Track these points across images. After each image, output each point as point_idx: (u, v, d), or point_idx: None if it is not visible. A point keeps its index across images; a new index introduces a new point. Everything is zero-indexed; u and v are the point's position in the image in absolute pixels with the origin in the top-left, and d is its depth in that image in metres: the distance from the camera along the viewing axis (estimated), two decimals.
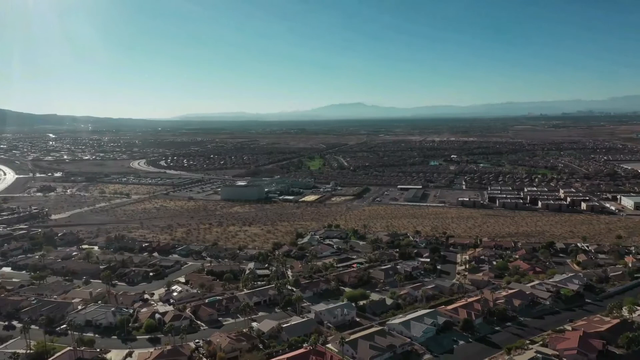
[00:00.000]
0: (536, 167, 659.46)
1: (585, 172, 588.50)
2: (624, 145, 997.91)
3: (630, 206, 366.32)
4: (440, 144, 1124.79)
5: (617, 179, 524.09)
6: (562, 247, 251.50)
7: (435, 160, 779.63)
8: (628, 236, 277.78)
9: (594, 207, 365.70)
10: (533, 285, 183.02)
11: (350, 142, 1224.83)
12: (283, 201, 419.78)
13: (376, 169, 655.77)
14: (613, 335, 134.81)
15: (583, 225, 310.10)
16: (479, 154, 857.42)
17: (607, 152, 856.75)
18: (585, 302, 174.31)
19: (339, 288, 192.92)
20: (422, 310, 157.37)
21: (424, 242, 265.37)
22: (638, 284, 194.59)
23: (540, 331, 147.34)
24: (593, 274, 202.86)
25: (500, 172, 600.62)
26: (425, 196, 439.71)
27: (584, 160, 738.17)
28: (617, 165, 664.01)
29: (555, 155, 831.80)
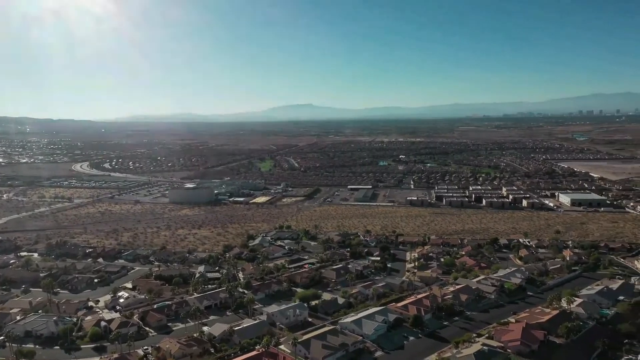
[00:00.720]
0: (480, 167, 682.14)
1: (526, 171, 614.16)
2: (561, 145, 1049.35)
3: (567, 202, 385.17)
4: (389, 145, 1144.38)
5: (555, 177, 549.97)
6: (505, 243, 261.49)
7: (384, 160, 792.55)
8: (565, 231, 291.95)
9: (534, 204, 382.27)
10: (479, 280, 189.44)
11: (301, 143, 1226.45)
12: (233, 203, 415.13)
13: (327, 170, 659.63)
14: (553, 326, 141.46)
15: (524, 222, 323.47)
16: (426, 154, 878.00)
17: (545, 152, 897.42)
18: (528, 295, 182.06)
19: (291, 289, 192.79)
20: (374, 308, 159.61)
21: (374, 241, 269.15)
22: (575, 276, 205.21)
23: (486, 324, 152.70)
24: (534, 267, 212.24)
25: (447, 172, 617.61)
26: (375, 196, 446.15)
27: (525, 159, 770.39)
28: (555, 163, 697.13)
29: (497, 154, 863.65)
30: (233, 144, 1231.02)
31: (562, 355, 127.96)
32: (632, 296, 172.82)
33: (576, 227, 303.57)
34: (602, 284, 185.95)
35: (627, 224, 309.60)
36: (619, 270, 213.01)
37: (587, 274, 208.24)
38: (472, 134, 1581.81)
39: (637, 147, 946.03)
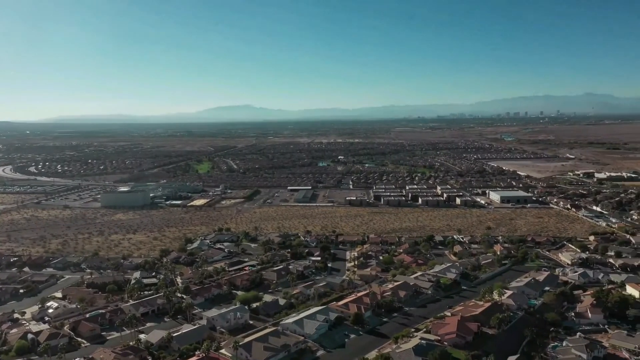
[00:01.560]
0: (416, 166, 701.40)
1: (459, 170, 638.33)
2: (490, 145, 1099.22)
3: (497, 200, 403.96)
4: (328, 146, 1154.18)
5: (486, 176, 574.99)
6: (440, 240, 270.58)
7: (324, 161, 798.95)
8: (496, 227, 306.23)
9: (467, 201, 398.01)
10: (416, 277, 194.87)
11: (240, 145, 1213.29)
12: (170, 206, 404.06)
13: (266, 171, 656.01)
14: (486, 317, 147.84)
15: (458, 219, 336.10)
16: (364, 155, 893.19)
17: (476, 152, 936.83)
18: (462, 289, 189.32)
19: (231, 292, 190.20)
20: (315, 308, 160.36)
21: (314, 242, 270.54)
22: (505, 269, 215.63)
23: (423, 319, 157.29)
24: (468, 262, 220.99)
25: (384, 172, 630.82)
26: (314, 196, 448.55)
27: (457, 159, 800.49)
28: (485, 163, 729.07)
29: (432, 154, 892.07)
30: (169, 146, 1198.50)
31: (495, 345, 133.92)
32: (556, 286, 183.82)
33: (505, 223, 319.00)
34: (529, 276, 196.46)
35: (551, 219, 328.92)
36: (545, 263, 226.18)
37: (516, 267, 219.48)
38: (407, 134, 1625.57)
39: (559, 147, 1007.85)
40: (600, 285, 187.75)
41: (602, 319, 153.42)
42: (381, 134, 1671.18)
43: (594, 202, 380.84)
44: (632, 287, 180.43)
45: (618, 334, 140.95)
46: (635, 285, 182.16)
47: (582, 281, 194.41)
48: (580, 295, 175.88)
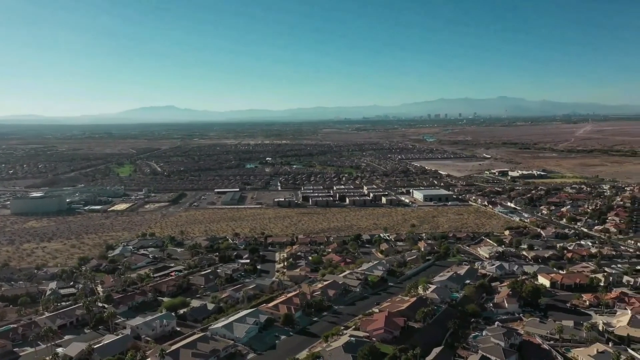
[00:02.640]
0: (343, 167, 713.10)
1: (384, 170, 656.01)
2: (413, 146, 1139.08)
3: (421, 198, 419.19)
4: (256, 147, 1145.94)
5: (410, 175, 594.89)
6: (367, 238, 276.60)
7: (251, 163, 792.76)
8: (420, 224, 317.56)
9: (392, 200, 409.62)
10: (345, 275, 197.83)
11: (164, 147, 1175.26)
12: (89, 212, 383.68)
13: (192, 174, 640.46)
14: (412, 312, 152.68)
15: (384, 217, 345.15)
16: (292, 156, 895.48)
17: (400, 152, 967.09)
18: (389, 286, 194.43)
19: (156, 299, 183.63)
20: (245, 310, 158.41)
21: (243, 244, 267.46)
22: (429, 265, 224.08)
23: (352, 316, 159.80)
24: (394, 259, 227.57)
25: (312, 173, 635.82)
26: (242, 198, 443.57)
27: (383, 159, 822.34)
28: (409, 163, 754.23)
29: (358, 155, 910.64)
30: (87, 148, 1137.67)
31: (420, 338, 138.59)
32: (476, 279, 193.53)
33: (429, 221, 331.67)
34: (451, 270, 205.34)
35: (470, 216, 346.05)
36: (465, 257, 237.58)
37: (439, 262, 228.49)
38: (334, 136, 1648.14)
39: (477, 147, 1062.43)
40: (515, 276, 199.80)
41: (518, 308, 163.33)
42: (309, 136, 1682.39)
43: (508, 198, 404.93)
44: (543, 277, 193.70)
45: (532, 322, 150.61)
46: (546, 275, 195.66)
47: (499, 273, 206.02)
48: (497, 287, 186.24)
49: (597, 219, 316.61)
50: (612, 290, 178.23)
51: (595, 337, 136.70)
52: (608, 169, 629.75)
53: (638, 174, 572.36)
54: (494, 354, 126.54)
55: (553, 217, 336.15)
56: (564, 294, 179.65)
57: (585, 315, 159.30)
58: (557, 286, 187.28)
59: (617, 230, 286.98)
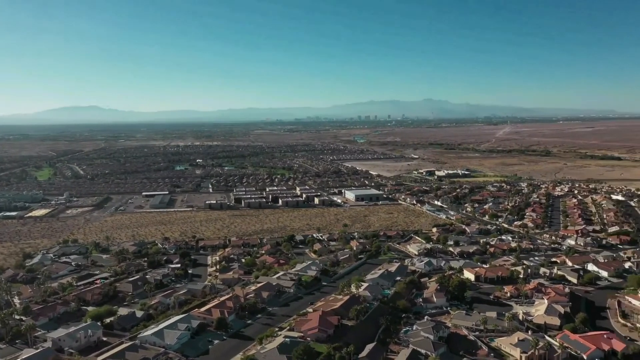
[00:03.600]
0: (276, 168, 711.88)
1: (316, 171, 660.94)
2: (345, 147, 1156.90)
3: (352, 198, 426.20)
4: (185, 149, 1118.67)
5: (341, 176, 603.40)
6: (301, 239, 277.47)
7: (181, 165, 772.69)
8: (352, 224, 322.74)
9: (324, 201, 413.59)
10: (279, 277, 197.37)
11: (87, 149, 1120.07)
12: (3, 218, 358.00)
13: (118, 177, 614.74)
14: (345, 310, 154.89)
15: (317, 218, 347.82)
16: (223, 158, 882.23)
17: (332, 153, 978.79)
18: (323, 285, 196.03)
19: (80, 308, 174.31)
20: (176, 316, 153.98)
21: (173, 248, 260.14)
22: (362, 263, 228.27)
23: (287, 317, 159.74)
24: (327, 259, 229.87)
25: (244, 174, 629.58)
26: (172, 201, 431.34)
27: (315, 160, 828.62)
28: (341, 163, 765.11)
29: (291, 156, 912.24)
30: (0, 151, 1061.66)
31: (354, 336, 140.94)
32: (406, 276, 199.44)
33: (360, 220, 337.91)
34: (383, 268, 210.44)
35: (400, 214, 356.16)
36: (396, 255, 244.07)
37: (371, 260, 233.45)
38: (266, 137, 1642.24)
39: (405, 148, 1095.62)
40: (442, 272, 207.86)
41: (445, 302, 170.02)
42: (240, 137, 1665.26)
43: (435, 197, 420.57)
44: (468, 272, 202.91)
45: (458, 314, 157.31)
46: (471, 269, 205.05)
47: (428, 269, 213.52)
48: (426, 282, 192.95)
49: (516, 215, 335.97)
50: (530, 281, 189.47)
51: (516, 327, 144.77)
52: (525, 168, 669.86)
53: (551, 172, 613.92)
54: (424, 347, 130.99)
55: (476, 214, 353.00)
56: (487, 287, 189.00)
57: (507, 306, 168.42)
58: (481, 279, 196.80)
59: (534, 225, 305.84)
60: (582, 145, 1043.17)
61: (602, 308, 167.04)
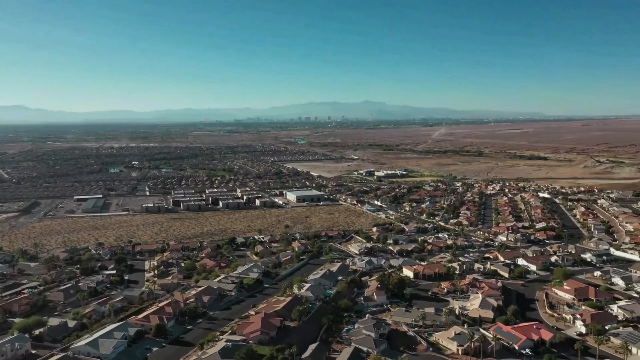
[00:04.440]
0: (215, 170, 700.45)
1: (257, 172, 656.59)
2: (285, 148, 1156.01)
3: (294, 199, 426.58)
4: (120, 151, 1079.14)
5: (282, 177, 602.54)
6: (242, 241, 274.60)
7: (116, 167, 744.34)
8: (294, 225, 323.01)
9: (266, 202, 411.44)
10: (220, 280, 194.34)
11: (11, 151, 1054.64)
12: None
13: (46, 180, 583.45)
14: (288, 312, 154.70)
15: (258, 220, 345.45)
16: (160, 159, 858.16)
17: (273, 154, 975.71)
18: (265, 287, 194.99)
19: (6, 320, 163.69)
20: (111, 325, 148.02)
21: (108, 254, 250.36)
22: (304, 264, 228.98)
23: (228, 321, 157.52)
24: (269, 261, 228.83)
25: (183, 176, 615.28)
26: (106, 205, 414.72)
27: (256, 161, 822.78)
28: (282, 165, 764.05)
29: (231, 158, 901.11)
30: None
31: (297, 336, 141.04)
32: (347, 275, 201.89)
33: (302, 221, 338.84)
34: (325, 268, 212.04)
35: (340, 215, 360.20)
36: (337, 255, 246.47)
37: (313, 261, 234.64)
38: (205, 138, 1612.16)
39: (345, 149, 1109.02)
40: (383, 270, 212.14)
41: (386, 299, 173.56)
42: (178, 138, 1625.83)
43: (375, 197, 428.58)
44: (407, 269, 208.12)
45: (398, 311, 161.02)
46: (409, 267, 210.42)
47: (368, 268, 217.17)
48: (367, 281, 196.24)
49: (451, 213, 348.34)
50: (465, 277, 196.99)
51: (452, 321, 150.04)
52: (460, 168, 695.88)
53: (484, 172, 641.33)
54: (366, 345, 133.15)
55: (414, 213, 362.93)
56: (425, 283, 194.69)
57: (444, 301, 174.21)
58: (420, 276, 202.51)
59: (469, 222, 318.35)
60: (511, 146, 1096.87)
61: (532, 300, 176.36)
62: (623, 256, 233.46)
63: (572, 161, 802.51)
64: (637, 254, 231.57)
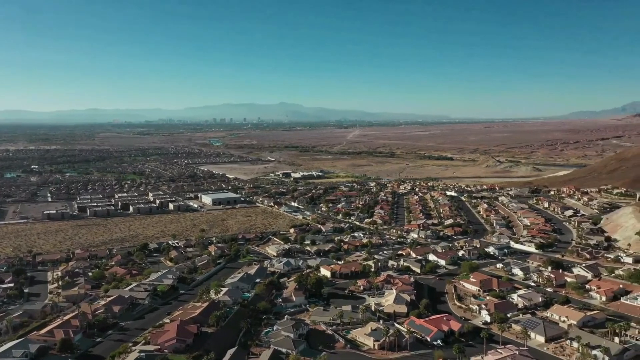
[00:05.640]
0: (125, 173, 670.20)
1: (170, 175, 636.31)
2: (200, 150, 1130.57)
3: (209, 202, 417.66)
4: (17, 154, 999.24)
5: (197, 180, 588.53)
6: (155, 247, 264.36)
7: (12, 171, 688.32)
8: (210, 229, 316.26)
9: (180, 206, 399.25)
10: (131, 288, 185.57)
11: None
12: None
13: None
14: (205, 317, 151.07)
15: (172, 224, 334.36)
16: (64, 163, 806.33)
17: (187, 157, 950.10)
18: (180, 294, 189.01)
19: None
20: (10, 342, 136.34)
21: (4, 266, 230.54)
22: (221, 268, 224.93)
23: (142, 330, 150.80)
24: (184, 266, 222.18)
25: (89, 181, 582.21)
26: (2, 213, 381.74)
27: (169, 164, 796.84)
28: (196, 167, 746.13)
29: (142, 161, 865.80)
30: None
31: (214, 342, 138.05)
32: (265, 277, 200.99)
33: (218, 224, 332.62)
34: (242, 271, 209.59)
35: (258, 217, 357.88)
36: (255, 257, 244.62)
37: (230, 264, 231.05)
38: (114, 140, 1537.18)
39: (262, 151, 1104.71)
40: (301, 270, 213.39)
41: (304, 299, 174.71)
42: (84, 140, 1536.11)
43: (292, 198, 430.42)
44: (325, 269, 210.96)
45: (317, 311, 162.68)
46: (327, 266, 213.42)
47: (286, 269, 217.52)
48: (285, 282, 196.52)
49: (366, 212, 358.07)
50: (380, 274, 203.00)
51: (369, 317, 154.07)
52: (373, 168, 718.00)
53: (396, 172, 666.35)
54: (285, 346, 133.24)
55: (331, 213, 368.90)
56: (343, 282, 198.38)
57: (361, 298, 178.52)
58: (337, 275, 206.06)
59: (383, 221, 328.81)
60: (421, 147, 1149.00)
61: (442, 293, 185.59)
62: (521, 248, 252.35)
63: (475, 161, 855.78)
64: (533, 246, 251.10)
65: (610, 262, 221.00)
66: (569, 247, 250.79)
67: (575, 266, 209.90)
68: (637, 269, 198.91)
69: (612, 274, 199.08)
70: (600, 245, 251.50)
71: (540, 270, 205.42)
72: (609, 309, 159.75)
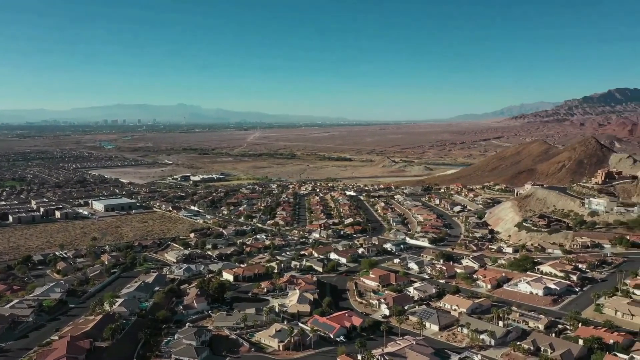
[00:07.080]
0: (3, 180, 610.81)
1: (57, 181, 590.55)
2: (90, 153, 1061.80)
3: (102, 209, 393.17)
4: None
5: (87, 185, 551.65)
6: (40, 259, 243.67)
7: None
8: (102, 237, 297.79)
9: (68, 214, 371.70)
10: (13, 305, 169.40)
11: None
12: None
13: None
14: (99, 331, 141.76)
15: (59, 234, 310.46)
16: None
17: (75, 160, 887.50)
18: (70, 308, 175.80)
19: None
20: None
21: None
22: (115, 278, 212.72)
23: (26, 351, 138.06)
24: (74, 278, 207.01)
25: None
26: None
27: (54, 169, 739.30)
28: (86, 172, 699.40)
29: (23, 165, 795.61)
30: None
31: (109, 357, 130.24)
32: (165, 285, 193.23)
33: (112, 232, 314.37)
34: (139, 279, 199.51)
35: (155, 222, 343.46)
36: (153, 265, 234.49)
37: (125, 273, 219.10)
38: None
39: (158, 153, 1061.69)
40: (202, 276, 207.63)
41: (206, 305, 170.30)
42: None
43: (191, 202, 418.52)
44: (227, 273, 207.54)
45: (219, 316, 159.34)
46: (229, 270, 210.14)
47: (187, 275, 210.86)
48: (187, 289, 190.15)
49: (268, 214, 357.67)
50: (284, 275, 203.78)
51: (273, 319, 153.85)
52: (274, 170, 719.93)
53: (297, 173, 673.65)
54: (187, 355, 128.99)
55: (232, 216, 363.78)
56: (246, 285, 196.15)
57: (265, 300, 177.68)
58: (240, 279, 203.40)
59: (285, 222, 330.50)
60: (321, 148, 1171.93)
61: (344, 290, 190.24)
62: (416, 244, 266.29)
63: (372, 161, 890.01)
64: (426, 241, 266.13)
65: (494, 252, 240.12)
66: (458, 241, 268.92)
67: (464, 258, 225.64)
68: (517, 257, 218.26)
69: (495, 263, 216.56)
70: (485, 238, 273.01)
71: (433, 263, 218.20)
72: (493, 295, 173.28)
